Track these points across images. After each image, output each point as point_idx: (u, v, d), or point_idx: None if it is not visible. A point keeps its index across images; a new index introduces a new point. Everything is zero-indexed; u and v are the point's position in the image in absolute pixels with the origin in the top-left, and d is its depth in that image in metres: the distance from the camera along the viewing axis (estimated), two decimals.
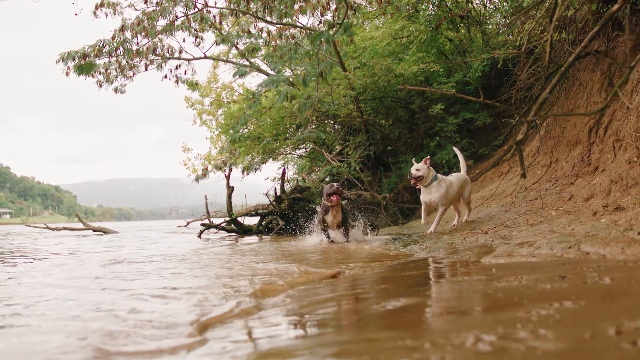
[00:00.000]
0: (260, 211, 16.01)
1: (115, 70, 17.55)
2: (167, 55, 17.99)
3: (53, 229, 24.29)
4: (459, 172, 10.23)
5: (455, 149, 10.99)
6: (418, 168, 9.23)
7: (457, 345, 1.90)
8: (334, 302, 3.69)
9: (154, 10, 15.53)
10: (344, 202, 11.29)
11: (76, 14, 15.88)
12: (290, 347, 2.38)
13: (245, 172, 19.09)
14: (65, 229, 24.19)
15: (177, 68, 18.62)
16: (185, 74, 18.90)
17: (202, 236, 15.36)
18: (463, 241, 7.15)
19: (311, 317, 3.17)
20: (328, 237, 10.15)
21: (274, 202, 15.48)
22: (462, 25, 17.57)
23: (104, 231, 22.46)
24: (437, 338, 2.05)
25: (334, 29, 13.16)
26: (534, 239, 5.21)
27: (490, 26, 18.03)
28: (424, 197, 9.44)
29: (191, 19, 16.02)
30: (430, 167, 9.36)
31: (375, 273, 5.22)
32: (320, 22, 14.56)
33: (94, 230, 22.75)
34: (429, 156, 9.69)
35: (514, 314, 2.28)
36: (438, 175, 9.42)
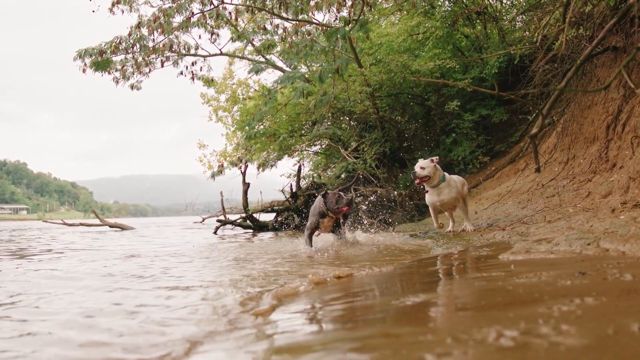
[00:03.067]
0: (275, 207, 16.06)
1: (132, 66, 17.65)
2: (183, 51, 18.06)
3: (70, 225, 24.47)
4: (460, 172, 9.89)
5: None
6: (423, 166, 8.49)
7: (479, 341, 1.90)
8: (350, 298, 3.70)
9: (170, 7, 15.58)
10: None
11: (93, 11, 15.96)
12: (310, 342, 2.40)
13: (261, 169, 19.11)
14: (82, 224, 24.38)
15: (193, 65, 18.68)
16: (201, 70, 18.96)
17: (217, 232, 15.39)
18: (480, 238, 7.14)
19: (331, 313, 3.18)
20: (311, 245, 8.66)
21: (289, 199, 15.51)
22: (478, 21, 17.50)
23: (121, 227, 22.59)
24: (459, 333, 2.05)
25: (350, 25, 13.13)
26: (552, 236, 5.19)
27: (506, 22, 17.95)
28: (431, 198, 8.76)
29: (207, 15, 16.04)
30: (438, 166, 8.61)
31: (393, 270, 5.23)
32: (336, 18, 14.55)
33: (111, 226, 22.90)
34: (437, 157, 8.81)
35: (535, 310, 2.28)
36: (446, 174, 8.76)
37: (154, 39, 16.76)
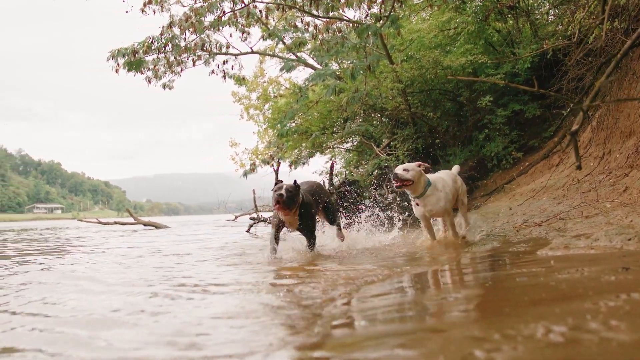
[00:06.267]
0: None
1: (164, 66, 17.77)
2: (215, 50, 18.15)
3: (105, 224, 24.75)
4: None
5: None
6: (407, 169, 7.31)
7: (527, 336, 1.90)
8: (393, 295, 3.70)
9: (201, 6, 15.68)
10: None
11: (127, 12, 16.14)
12: (358, 337, 2.41)
13: (293, 166, 19.13)
14: (116, 223, 24.64)
15: (224, 63, 18.75)
16: (232, 69, 19.02)
17: (250, 230, 15.45)
18: (516, 234, 7.09)
19: (377, 309, 3.19)
20: (274, 250, 7.34)
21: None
22: (510, 16, 17.33)
23: (155, 225, 22.80)
24: (505, 329, 2.05)
25: (381, 21, 13.10)
26: (591, 231, 5.14)
27: (538, 16, 17.75)
28: (418, 211, 7.61)
29: (238, 14, 16.10)
30: (423, 172, 7.44)
31: (431, 267, 5.22)
32: (367, 15, 14.53)
33: (145, 225, 23.11)
34: (426, 162, 7.61)
35: (582, 306, 2.27)
36: (431, 177, 7.63)
37: (185, 38, 16.88)
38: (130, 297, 4.01)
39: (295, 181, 7.33)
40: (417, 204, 7.53)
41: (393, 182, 7.33)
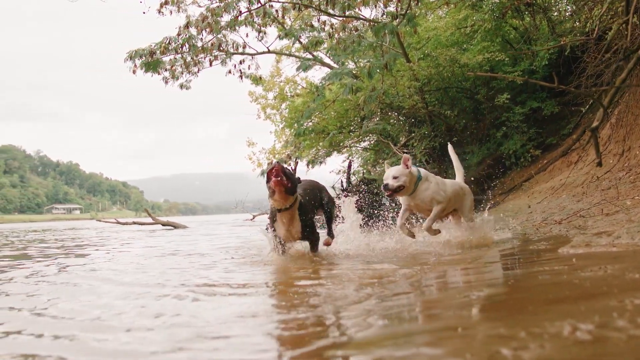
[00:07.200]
0: None
1: (181, 66, 17.88)
2: (231, 50, 18.22)
3: (123, 224, 24.91)
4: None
5: (450, 148, 8.45)
6: (396, 175, 6.80)
7: (554, 335, 1.90)
8: (415, 294, 3.70)
9: (218, 6, 15.75)
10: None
11: (144, 12, 16.26)
12: (382, 335, 2.41)
13: (310, 166, 19.15)
14: (135, 223, 24.79)
15: (241, 63, 18.84)
16: (249, 68, 19.11)
17: (268, 229, 15.44)
18: (536, 232, 7.06)
19: (399, 307, 3.19)
20: (283, 252, 6.83)
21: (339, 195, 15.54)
22: (527, 13, 17.25)
23: (174, 225, 22.89)
24: (531, 327, 2.05)
25: (398, 20, 13.10)
26: (612, 229, 5.11)
27: (556, 13, 17.66)
28: (406, 200, 7.11)
29: (254, 14, 16.16)
30: (413, 169, 6.95)
31: (451, 264, 5.21)
32: (383, 13, 14.53)
33: (163, 225, 23.21)
34: (408, 156, 7.03)
35: (607, 303, 2.27)
36: (422, 171, 7.10)
37: (202, 39, 16.99)
38: (149, 299, 4.03)
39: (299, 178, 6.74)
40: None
41: (385, 193, 6.91)
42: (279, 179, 5.96)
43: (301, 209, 6.48)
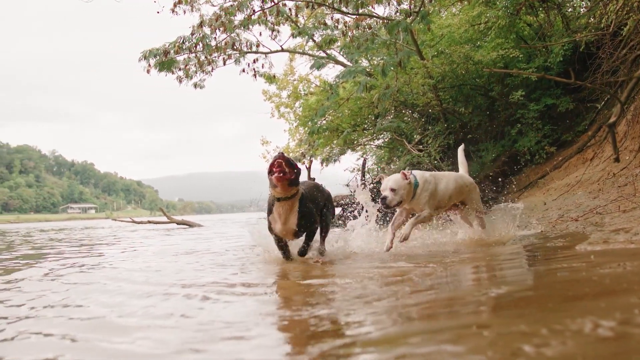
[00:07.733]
0: (340, 202, 16.09)
1: (195, 65, 17.92)
2: (245, 49, 18.24)
3: (138, 223, 24.99)
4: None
5: (460, 148, 8.72)
6: (394, 187, 6.59)
7: (575, 331, 1.90)
8: (433, 292, 3.70)
9: (231, 5, 15.79)
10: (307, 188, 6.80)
11: (158, 12, 16.33)
12: (403, 334, 2.41)
13: (325, 164, 19.14)
14: (150, 222, 24.86)
15: (254, 62, 18.84)
16: (262, 67, 19.11)
17: None
18: (553, 229, 7.04)
19: (417, 307, 3.19)
20: (287, 255, 6.68)
21: (355, 192, 15.53)
22: (541, 9, 17.16)
23: (189, 224, 22.96)
24: (552, 324, 2.04)
25: (411, 17, 13.08)
26: (630, 226, 5.09)
27: (570, 9, 17.57)
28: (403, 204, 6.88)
29: (267, 12, 16.18)
30: (411, 178, 6.82)
31: (468, 262, 5.20)
32: (396, 11, 14.51)
33: (178, 224, 23.28)
34: (408, 170, 6.94)
35: (628, 300, 2.26)
36: (417, 176, 6.97)
37: (216, 38, 17.02)
38: (159, 299, 4.05)
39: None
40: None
41: (383, 206, 6.80)
42: (281, 175, 5.78)
43: (302, 201, 6.22)
